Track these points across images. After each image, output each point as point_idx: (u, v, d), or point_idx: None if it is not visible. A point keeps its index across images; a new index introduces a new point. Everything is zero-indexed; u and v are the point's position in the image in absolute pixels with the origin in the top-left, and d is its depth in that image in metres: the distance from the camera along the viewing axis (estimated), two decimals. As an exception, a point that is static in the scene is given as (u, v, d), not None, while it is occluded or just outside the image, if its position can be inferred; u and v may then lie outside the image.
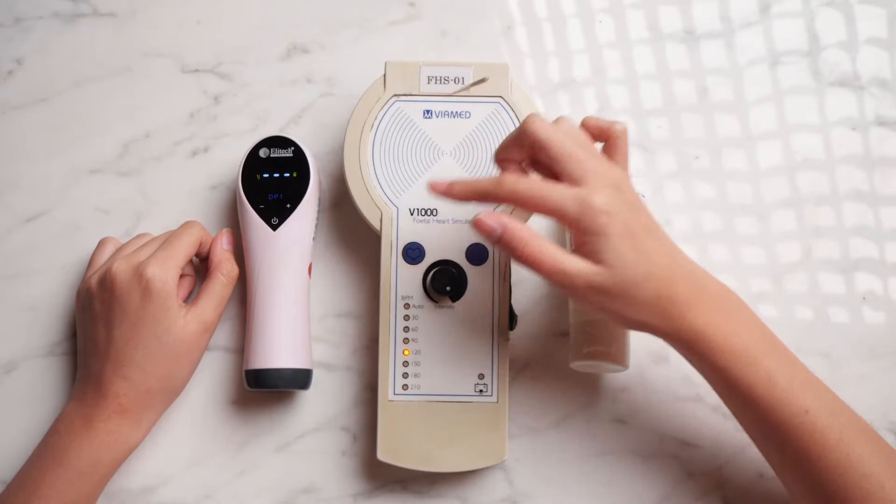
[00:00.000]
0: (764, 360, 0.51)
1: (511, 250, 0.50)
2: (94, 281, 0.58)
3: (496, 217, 0.50)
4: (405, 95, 0.60)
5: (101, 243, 0.61)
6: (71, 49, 0.66)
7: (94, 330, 0.57)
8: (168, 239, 0.59)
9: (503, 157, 0.53)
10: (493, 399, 0.59)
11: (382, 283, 0.59)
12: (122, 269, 0.56)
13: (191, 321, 0.57)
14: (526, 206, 0.50)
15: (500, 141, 0.60)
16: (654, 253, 0.50)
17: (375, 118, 0.60)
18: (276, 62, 0.65)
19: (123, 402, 0.56)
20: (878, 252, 0.63)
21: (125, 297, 0.56)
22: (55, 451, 0.55)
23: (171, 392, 0.58)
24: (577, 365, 0.59)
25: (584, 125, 0.54)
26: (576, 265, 0.49)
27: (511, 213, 0.58)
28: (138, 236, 0.61)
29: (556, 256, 0.49)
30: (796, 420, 0.50)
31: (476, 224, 0.50)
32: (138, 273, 0.56)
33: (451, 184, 0.52)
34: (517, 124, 0.60)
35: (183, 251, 0.58)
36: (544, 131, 0.50)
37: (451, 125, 0.60)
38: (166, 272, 0.56)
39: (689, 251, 0.63)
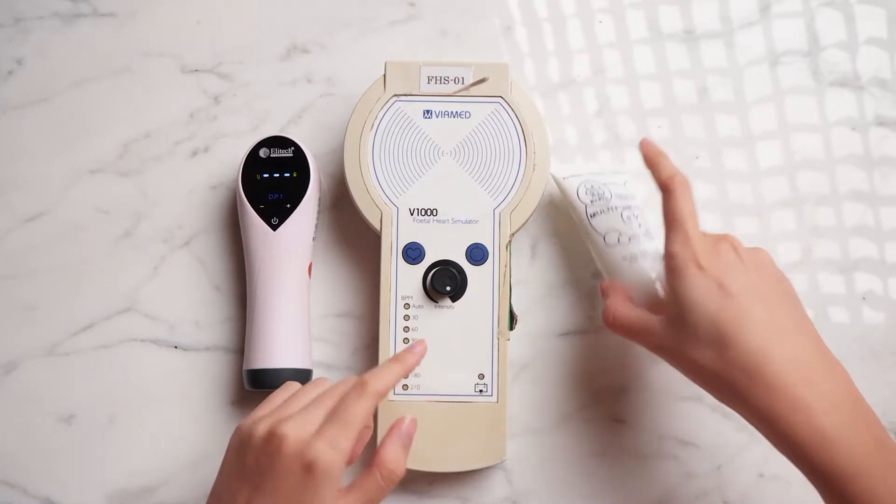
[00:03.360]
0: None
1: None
2: (260, 431, 0.49)
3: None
4: (405, 95, 0.60)
5: (286, 387, 0.54)
6: (71, 49, 0.66)
7: (236, 485, 0.49)
8: (340, 409, 0.50)
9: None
10: (493, 399, 0.59)
11: (382, 283, 0.59)
12: (292, 436, 0.48)
13: None
14: (671, 205, 0.53)
15: (501, 140, 0.60)
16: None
17: (375, 118, 0.60)
18: (276, 62, 0.65)
19: None
20: (878, 252, 0.63)
21: (283, 471, 0.48)
22: None
23: None
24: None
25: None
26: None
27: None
28: (316, 382, 0.54)
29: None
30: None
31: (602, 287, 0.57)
32: (305, 448, 0.48)
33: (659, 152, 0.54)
34: (517, 124, 0.60)
35: (357, 427, 0.49)
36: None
37: (451, 125, 0.60)
38: (335, 456, 0.48)
39: (689, 251, 0.63)
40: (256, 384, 0.59)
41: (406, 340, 0.59)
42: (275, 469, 0.48)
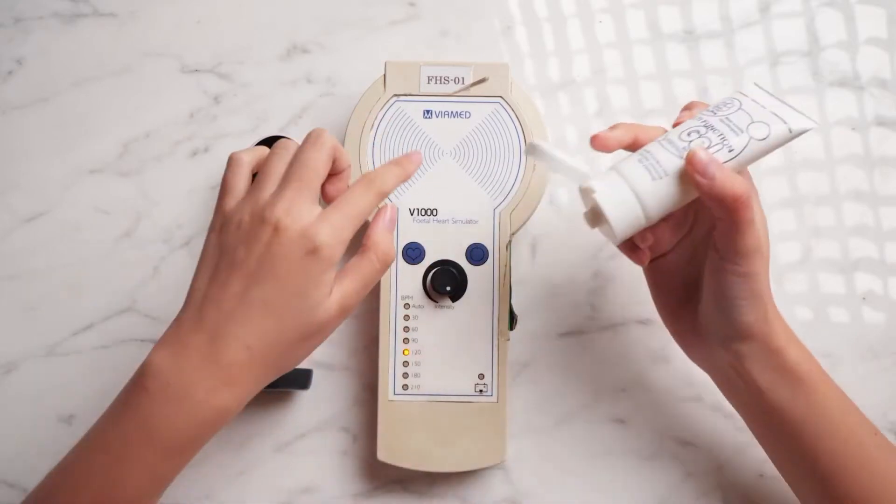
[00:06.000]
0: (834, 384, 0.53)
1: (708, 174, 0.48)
2: (248, 219, 0.48)
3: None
4: (405, 95, 0.60)
5: (236, 163, 0.52)
6: (71, 49, 0.66)
7: (227, 277, 0.47)
8: (346, 199, 0.49)
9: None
10: (493, 399, 0.59)
11: (382, 283, 0.59)
12: (290, 226, 0.47)
13: (333, 302, 0.48)
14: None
15: (501, 140, 0.60)
16: None
17: (375, 118, 0.60)
18: (276, 62, 0.65)
19: (235, 373, 0.47)
20: (878, 252, 0.63)
21: (283, 259, 0.47)
22: (144, 419, 0.47)
23: (280, 371, 0.49)
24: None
25: None
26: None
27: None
28: (279, 151, 0.52)
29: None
30: (871, 439, 0.52)
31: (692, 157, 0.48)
32: (307, 236, 0.47)
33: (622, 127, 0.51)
34: (517, 124, 0.60)
35: (360, 219, 0.49)
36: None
37: (451, 125, 0.60)
38: (339, 245, 0.48)
39: (689, 251, 0.63)
40: (256, 384, 0.59)
41: (406, 340, 0.59)
42: (273, 258, 0.47)
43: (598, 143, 0.50)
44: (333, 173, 0.52)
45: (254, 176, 0.52)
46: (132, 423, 0.47)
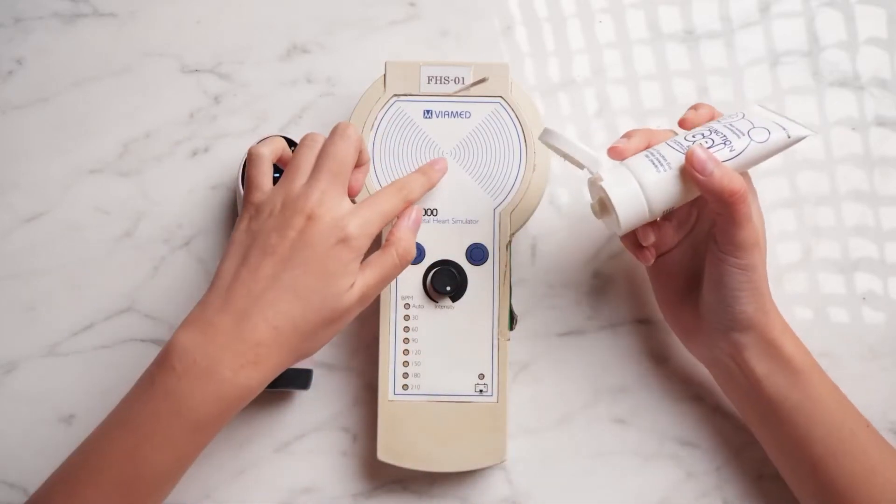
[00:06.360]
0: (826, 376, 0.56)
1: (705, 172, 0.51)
2: (280, 207, 0.51)
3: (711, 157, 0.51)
4: (405, 95, 0.60)
5: (258, 159, 0.54)
6: (71, 49, 0.66)
7: (259, 261, 0.50)
8: (376, 199, 0.53)
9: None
10: (493, 399, 0.59)
11: (382, 283, 0.59)
12: (324, 215, 0.50)
13: (356, 291, 0.51)
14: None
15: (501, 140, 0.60)
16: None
17: (375, 118, 0.60)
18: (276, 62, 0.65)
19: (261, 353, 0.49)
20: (878, 252, 0.63)
21: (315, 246, 0.50)
22: (172, 396, 0.48)
23: (300, 355, 0.52)
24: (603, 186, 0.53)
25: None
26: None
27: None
28: (308, 143, 0.54)
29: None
30: (863, 431, 0.54)
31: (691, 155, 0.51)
32: (339, 226, 0.50)
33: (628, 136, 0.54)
34: (517, 124, 0.60)
35: (387, 219, 0.53)
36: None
37: (451, 125, 0.60)
38: (366, 238, 0.51)
39: (689, 251, 0.63)
40: (256, 384, 0.59)
41: (406, 340, 0.59)
42: (306, 245, 0.50)
43: (615, 153, 0.53)
44: (355, 166, 0.54)
45: (274, 166, 0.55)
46: (160, 401, 0.48)
